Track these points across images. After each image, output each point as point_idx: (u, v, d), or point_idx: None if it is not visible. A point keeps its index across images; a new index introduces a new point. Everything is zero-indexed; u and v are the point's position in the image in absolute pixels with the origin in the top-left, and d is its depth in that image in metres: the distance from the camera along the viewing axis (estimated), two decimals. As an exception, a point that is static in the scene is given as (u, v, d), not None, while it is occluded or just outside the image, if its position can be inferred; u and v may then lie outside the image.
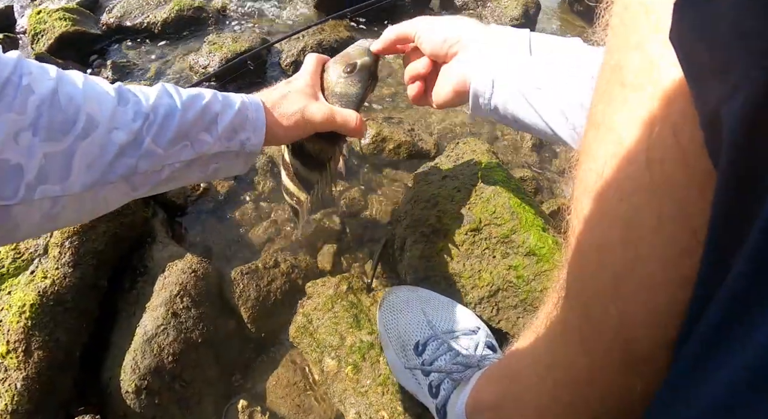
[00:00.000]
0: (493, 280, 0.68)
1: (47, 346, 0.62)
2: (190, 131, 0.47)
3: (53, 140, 0.37)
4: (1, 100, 0.35)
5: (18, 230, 0.37)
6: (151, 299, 0.67)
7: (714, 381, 0.19)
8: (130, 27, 1.23)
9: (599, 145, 0.29)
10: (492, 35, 0.57)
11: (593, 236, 0.29)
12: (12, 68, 0.36)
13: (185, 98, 0.48)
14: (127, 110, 0.43)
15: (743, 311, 0.18)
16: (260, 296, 0.71)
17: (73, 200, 0.40)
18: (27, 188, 0.36)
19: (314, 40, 1.14)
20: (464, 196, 0.73)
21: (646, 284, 0.26)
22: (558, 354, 0.36)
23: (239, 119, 0.52)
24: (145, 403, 0.61)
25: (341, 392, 0.64)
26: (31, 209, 0.37)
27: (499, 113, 0.57)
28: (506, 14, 1.30)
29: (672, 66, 0.24)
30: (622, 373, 0.29)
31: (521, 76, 0.53)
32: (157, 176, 0.46)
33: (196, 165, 0.49)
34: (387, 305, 0.67)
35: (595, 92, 0.31)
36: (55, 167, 0.37)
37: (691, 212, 0.24)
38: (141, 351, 0.62)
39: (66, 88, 0.39)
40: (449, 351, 0.58)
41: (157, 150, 0.44)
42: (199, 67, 1.07)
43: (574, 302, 0.33)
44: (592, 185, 0.29)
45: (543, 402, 0.38)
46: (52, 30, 1.15)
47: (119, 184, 0.43)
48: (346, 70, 0.63)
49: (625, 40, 0.27)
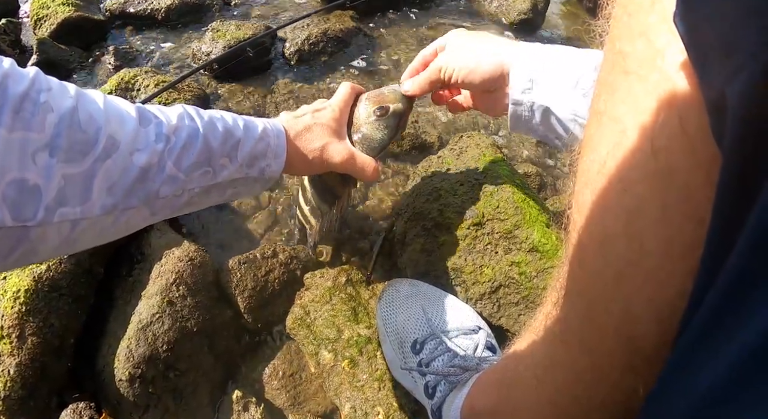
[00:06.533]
0: (495, 276, 0.66)
1: (41, 332, 0.62)
2: (212, 157, 0.46)
3: (72, 162, 0.36)
4: (19, 117, 0.33)
5: (36, 253, 0.36)
6: (147, 287, 0.66)
7: (713, 367, 0.19)
8: (133, 13, 1.21)
9: (602, 135, 0.28)
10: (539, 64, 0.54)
11: (595, 230, 0.28)
12: (30, 83, 0.34)
13: (206, 121, 0.46)
14: (149, 131, 0.41)
15: (741, 299, 0.18)
16: (257, 286, 0.70)
17: (93, 224, 0.38)
18: (46, 210, 0.34)
19: (319, 30, 1.13)
20: (467, 190, 0.72)
21: (652, 278, 0.25)
22: (557, 354, 0.35)
23: (261, 147, 0.50)
24: (139, 392, 0.61)
25: (337, 385, 0.64)
26: (50, 231, 0.35)
27: (539, 135, 0.57)
28: (514, 8, 1.28)
29: (678, 53, 0.23)
30: (625, 374, 0.28)
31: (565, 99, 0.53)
32: (178, 201, 0.45)
33: (214, 190, 0.48)
34: (386, 300, 0.66)
35: (597, 82, 0.30)
36: (75, 189, 0.36)
37: (698, 202, 0.23)
38: (136, 339, 0.62)
39: (86, 106, 0.38)
40: (447, 352, 0.57)
41: (179, 175, 0.43)
42: (202, 54, 1.06)
43: (574, 299, 0.32)
44: (594, 176, 0.28)
45: (541, 408, 0.37)
46: (55, 15, 1.14)
47: (141, 208, 0.41)
48: (376, 113, 0.61)
49: (629, 28, 0.26)
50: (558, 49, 0.54)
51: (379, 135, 0.61)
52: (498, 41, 0.59)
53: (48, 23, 1.14)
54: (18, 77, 0.34)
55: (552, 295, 0.37)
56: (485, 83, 0.57)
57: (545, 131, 0.56)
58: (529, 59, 0.54)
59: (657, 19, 0.25)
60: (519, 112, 0.56)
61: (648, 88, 0.25)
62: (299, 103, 1.02)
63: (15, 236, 0.33)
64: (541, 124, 0.56)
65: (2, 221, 0.32)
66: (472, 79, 0.58)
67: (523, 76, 0.54)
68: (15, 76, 0.34)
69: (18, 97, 0.33)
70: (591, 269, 0.29)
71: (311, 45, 1.12)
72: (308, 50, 1.12)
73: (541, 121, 0.55)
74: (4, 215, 0.32)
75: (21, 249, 0.34)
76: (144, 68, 0.98)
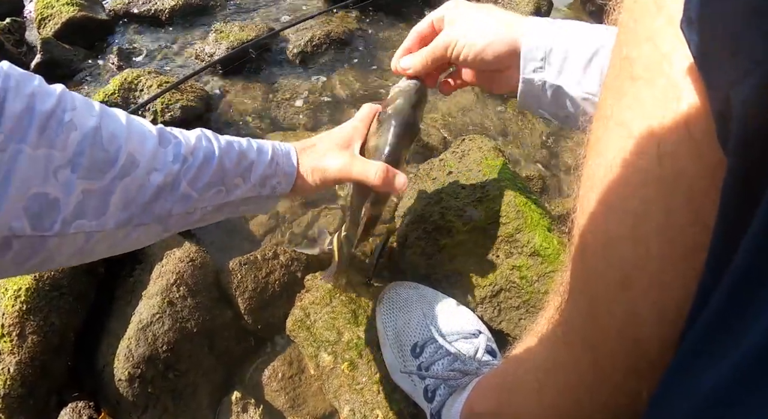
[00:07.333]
0: (496, 280, 0.66)
1: (42, 331, 0.62)
2: (226, 176, 0.47)
3: (92, 178, 0.37)
4: (44, 135, 0.34)
5: (51, 261, 0.38)
6: (148, 287, 0.66)
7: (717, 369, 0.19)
8: (137, 14, 1.22)
9: (608, 140, 0.28)
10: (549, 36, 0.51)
11: (600, 233, 0.28)
12: (56, 102, 0.36)
13: (223, 144, 0.48)
14: (168, 151, 0.43)
15: (747, 299, 0.18)
16: (258, 287, 0.70)
17: (106, 236, 0.40)
18: (63, 222, 0.36)
19: (322, 31, 1.13)
20: (469, 193, 0.72)
21: (657, 282, 0.25)
22: (560, 356, 0.35)
23: (272, 166, 0.52)
24: (138, 392, 0.61)
25: (336, 388, 0.64)
26: (66, 241, 0.37)
27: (549, 114, 0.54)
28: (518, 10, 1.28)
29: (684, 58, 0.23)
30: (629, 377, 0.28)
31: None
32: (190, 218, 0.46)
33: (227, 208, 0.49)
34: (387, 302, 0.66)
35: (603, 87, 0.30)
36: (92, 204, 0.38)
37: (703, 206, 0.23)
38: (135, 339, 0.62)
39: (109, 125, 0.39)
40: (447, 356, 0.57)
41: (192, 193, 0.44)
42: (205, 55, 1.06)
43: (578, 302, 0.32)
44: (599, 180, 0.28)
45: (543, 411, 0.37)
46: (59, 15, 1.15)
47: (153, 224, 0.43)
48: (378, 118, 0.57)
49: (636, 34, 0.26)
50: (570, 25, 0.51)
51: (382, 139, 0.58)
52: (505, 14, 0.54)
53: (52, 23, 1.15)
54: (45, 96, 0.36)
55: (555, 299, 0.37)
56: (498, 61, 0.53)
57: (555, 110, 0.54)
58: (541, 36, 0.50)
59: (663, 24, 0.25)
60: (530, 90, 0.53)
61: (654, 93, 0.25)
62: (301, 103, 1.02)
63: (33, 245, 0.35)
64: (551, 102, 0.53)
65: (22, 230, 0.34)
66: (484, 57, 0.53)
67: (535, 55, 0.51)
68: (42, 95, 0.35)
69: (44, 115, 0.35)
70: (594, 271, 0.29)
71: (314, 46, 1.13)
72: (311, 52, 1.13)
73: (552, 100, 0.52)
74: (24, 225, 0.34)
75: (38, 257, 0.36)
76: (147, 69, 0.98)
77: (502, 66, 0.54)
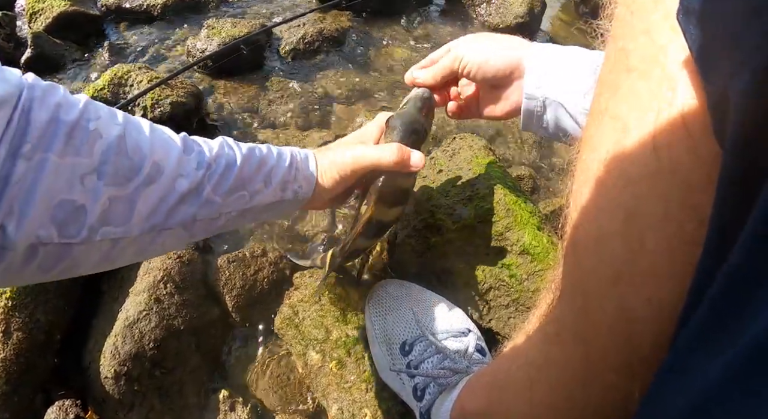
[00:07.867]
0: (486, 278, 0.66)
1: (27, 328, 0.61)
2: (248, 182, 0.48)
3: (118, 186, 0.38)
4: (70, 144, 0.35)
5: (77, 267, 0.38)
6: (135, 284, 0.66)
7: (711, 366, 0.18)
8: (129, 9, 1.21)
9: (602, 133, 0.27)
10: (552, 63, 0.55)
11: (592, 227, 0.28)
12: (80, 112, 0.36)
13: (245, 151, 0.49)
14: (191, 159, 0.44)
15: (743, 298, 0.18)
16: (246, 285, 0.69)
17: (131, 243, 0.40)
18: (89, 229, 0.36)
19: (315, 29, 1.13)
20: (459, 191, 0.72)
21: (650, 277, 0.25)
22: (552, 352, 0.34)
23: (292, 172, 0.53)
24: (125, 389, 0.60)
25: (324, 386, 0.63)
26: (92, 248, 0.37)
27: (549, 132, 0.57)
28: (511, 11, 1.28)
29: (681, 50, 0.23)
30: (621, 374, 0.28)
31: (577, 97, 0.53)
32: (215, 224, 0.47)
33: (249, 213, 0.50)
34: (376, 301, 0.66)
35: (598, 82, 0.30)
36: (118, 211, 0.38)
37: (699, 200, 0.23)
38: (122, 336, 0.61)
39: (133, 134, 0.40)
40: (436, 354, 0.57)
41: (216, 199, 0.45)
42: (197, 51, 1.05)
43: (570, 298, 0.31)
44: (593, 174, 0.27)
45: (534, 408, 0.36)
46: (50, 9, 1.14)
47: (177, 230, 0.43)
48: (387, 123, 0.58)
49: (632, 27, 0.26)
50: (573, 50, 0.55)
51: (388, 141, 0.58)
52: (511, 39, 0.60)
53: (43, 17, 1.13)
54: (70, 106, 0.36)
55: (546, 297, 0.37)
56: (498, 76, 0.58)
57: (555, 129, 0.57)
58: (545, 56, 0.55)
59: (660, 17, 0.24)
60: (532, 106, 0.56)
61: (650, 85, 0.25)
62: (292, 101, 1.02)
63: (59, 252, 0.36)
64: (552, 120, 0.56)
65: (50, 238, 0.34)
66: (486, 70, 0.58)
67: (538, 72, 0.55)
68: (67, 105, 0.36)
69: (70, 125, 0.35)
70: (586, 266, 0.29)
71: (306, 44, 1.12)
72: (303, 49, 1.12)
73: (552, 116, 0.56)
74: (51, 232, 0.34)
75: (63, 264, 0.37)
76: (138, 64, 0.97)
77: (503, 81, 0.59)
